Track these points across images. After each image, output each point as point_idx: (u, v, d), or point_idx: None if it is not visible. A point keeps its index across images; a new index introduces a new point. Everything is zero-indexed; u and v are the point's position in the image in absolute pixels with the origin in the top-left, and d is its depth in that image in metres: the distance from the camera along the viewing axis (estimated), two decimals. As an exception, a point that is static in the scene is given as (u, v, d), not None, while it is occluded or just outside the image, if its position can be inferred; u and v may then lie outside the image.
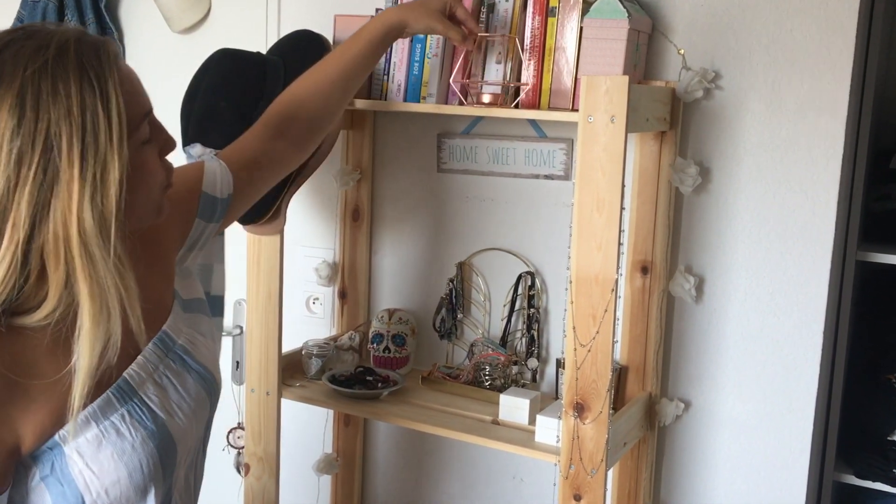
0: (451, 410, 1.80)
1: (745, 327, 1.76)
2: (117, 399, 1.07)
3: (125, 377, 1.08)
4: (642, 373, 1.79)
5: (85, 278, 0.97)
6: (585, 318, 1.51)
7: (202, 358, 1.20)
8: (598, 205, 1.47)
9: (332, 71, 1.51)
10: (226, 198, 1.34)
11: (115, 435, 1.05)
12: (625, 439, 1.67)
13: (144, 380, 1.10)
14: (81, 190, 0.95)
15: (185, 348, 1.18)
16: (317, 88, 1.50)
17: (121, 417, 1.06)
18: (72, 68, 0.96)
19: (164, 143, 1.10)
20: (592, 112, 1.45)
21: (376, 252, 2.10)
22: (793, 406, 1.74)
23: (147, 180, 1.07)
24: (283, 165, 1.48)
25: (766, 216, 1.71)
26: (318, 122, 1.51)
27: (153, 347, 1.13)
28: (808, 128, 1.66)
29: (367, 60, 1.55)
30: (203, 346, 1.22)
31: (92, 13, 2.25)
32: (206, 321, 1.27)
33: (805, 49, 1.64)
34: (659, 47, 1.74)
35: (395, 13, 1.56)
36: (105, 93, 0.97)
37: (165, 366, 1.13)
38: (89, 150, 0.96)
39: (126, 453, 1.05)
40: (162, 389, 1.12)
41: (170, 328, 1.17)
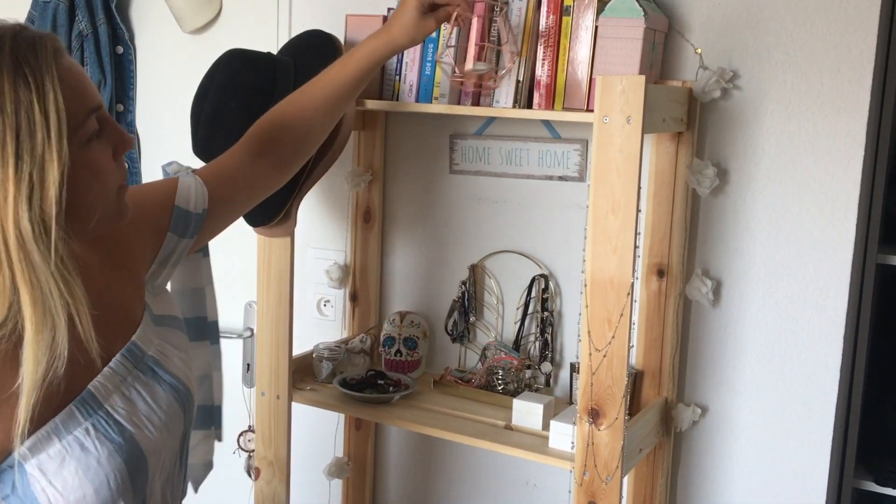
0: (463, 415, 1.78)
1: (764, 331, 1.73)
2: (81, 412, 1.02)
3: (90, 389, 1.04)
4: (658, 378, 1.76)
5: (25, 283, 0.92)
6: (601, 323, 1.48)
7: (174, 369, 1.16)
8: (613, 207, 1.45)
9: (319, 96, 1.47)
10: (200, 213, 1.30)
11: (79, 450, 1.01)
12: (640, 445, 1.65)
13: (111, 392, 1.06)
14: (17, 190, 0.91)
15: (156, 359, 1.14)
16: (301, 112, 1.46)
17: (85, 431, 1.02)
18: (5, 63, 0.93)
19: (117, 141, 1.05)
20: (608, 112, 1.43)
21: (388, 254, 2.08)
22: (812, 412, 1.71)
23: (99, 180, 1.02)
24: (261, 186, 1.44)
25: (785, 218, 1.69)
26: (300, 146, 1.47)
27: (121, 358, 1.09)
28: (828, 128, 1.63)
29: (354, 88, 1.50)
30: (176, 358, 1.18)
31: (103, 14, 2.24)
32: (179, 337, 1.23)
33: (825, 48, 1.62)
34: (675, 46, 1.72)
35: (382, 37, 1.50)
36: (41, 88, 0.93)
37: (134, 377, 1.09)
38: (24, 148, 0.92)
39: (91, 469, 1.01)
40: (130, 402, 1.07)
41: (139, 339, 1.13)
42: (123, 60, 2.30)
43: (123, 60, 2.30)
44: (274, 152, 1.42)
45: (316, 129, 1.48)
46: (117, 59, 2.29)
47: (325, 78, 1.49)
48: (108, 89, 2.26)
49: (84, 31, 2.24)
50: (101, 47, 2.25)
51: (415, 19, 1.49)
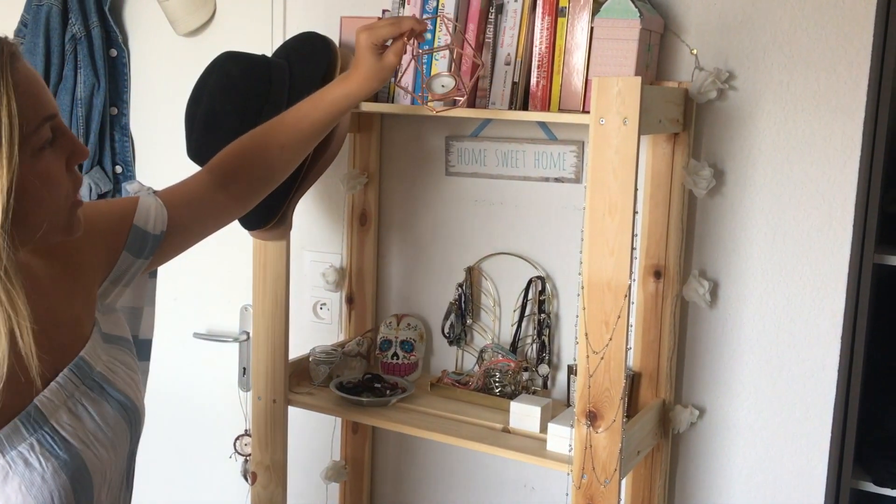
0: (460, 418, 1.77)
1: (761, 332, 1.73)
2: (26, 427, 1.00)
3: (35, 404, 1.02)
4: (656, 379, 1.76)
5: None
6: (598, 325, 1.48)
7: (123, 386, 1.14)
8: (610, 209, 1.44)
9: (285, 137, 1.44)
10: (158, 234, 1.28)
11: (23, 465, 0.98)
12: (638, 447, 1.64)
13: (57, 407, 1.04)
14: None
15: (104, 376, 1.12)
16: (265, 150, 1.43)
17: (29, 447, 0.99)
18: None
19: (71, 151, 1.02)
20: (604, 114, 1.42)
21: (384, 256, 2.07)
22: (810, 412, 1.71)
23: (50, 189, 0.99)
24: (220, 216, 1.41)
25: (782, 219, 1.68)
26: (258, 182, 1.44)
27: (68, 374, 1.07)
28: (824, 129, 1.63)
29: (320, 132, 1.48)
30: (125, 375, 1.16)
31: (96, 16, 2.23)
32: (128, 356, 1.21)
33: (821, 48, 1.61)
34: (671, 47, 1.71)
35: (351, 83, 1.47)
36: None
37: (81, 393, 1.07)
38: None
39: (35, 485, 0.98)
40: (76, 418, 1.05)
41: (87, 355, 1.11)
42: (117, 63, 2.29)
43: (117, 63, 2.29)
44: (233, 184, 1.40)
45: (277, 168, 1.45)
46: (111, 63, 2.28)
47: (292, 118, 1.46)
48: (102, 92, 2.25)
49: (77, 35, 2.22)
50: (95, 50, 2.23)
51: (373, 63, 1.46)
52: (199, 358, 2.33)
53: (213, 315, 2.31)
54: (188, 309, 2.32)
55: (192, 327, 2.32)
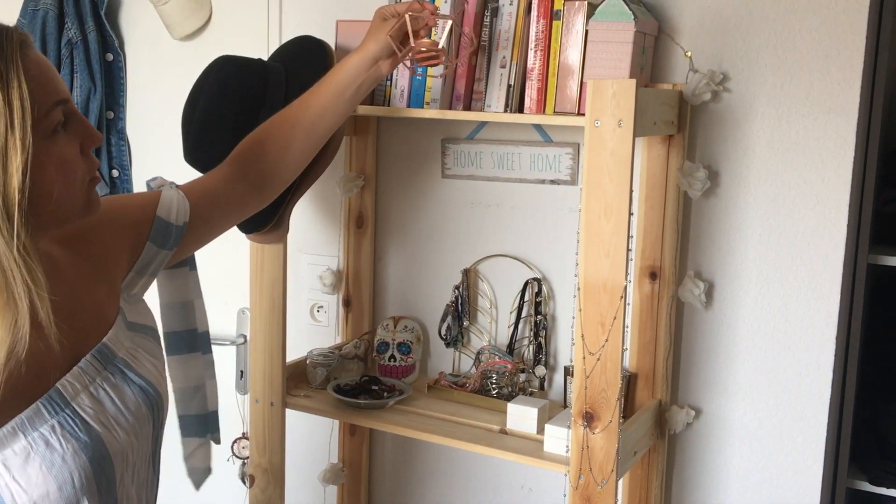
0: (457, 420, 1.77)
1: (756, 332, 1.73)
2: (47, 409, 1.03)
3: (57, 388, 1.05)
4: (652, 380, 1.76)
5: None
6: (594, 326, 1.48)
7: (145, 372, 1.17)
8: (605, 211, 1.45)
9: (295, 116, 1.47)
10: (181, 225, 1.32)
11: (44, 446, 1.01)
12: (635, 448, 1.65)
13: (79, 391, 1.07)
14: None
15: (126, 361, 1.15)
16: (280, 133, 1.46)
17: (51, 429, 1.02)
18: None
19: (84, 135, 1.06)
20: (599, 116, 1.43)
21: (381, 259, 2.08)
22: (805, 412, 1.71)
23: (64, 171, 1.03)
24: (240, 207, 1.45)
25: (776, 219, 1.69)
26: (276, 167, 1.47)
27: (90, 359, 1.10)
28: (818, 130, 1.64)
29: (331, 105, 1.49)
30: (147, 362, 1.19)
31: (92, 21, 2.23)
32: (152, 345, 1.24)
33: (814, 50, 1.62)
34: (665, 50, 1.72)
35: (356, 53, 1.50)
36: (5, 78, 0.95)
37: (103, 378, 1.11)
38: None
39: (55, 466, 1.01)
40: (98, 402, 1.08)
41: (110, 341, 1.14)
42: (113, 68, 2.29)
43: (113, 68, 2.29)
44: (251, 172, 1.44)
45: (292, 150, 1.47)
46: (107, 67, 2.28)
47: (303, 97, 1.49)
48: (99, 97, 2.25)
49: (73, 39, 2.22)
50: (91, 54, 2.24)
51: (377, 24, 1.51)
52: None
53: (211, 318, 2.29)
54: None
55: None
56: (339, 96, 1.50)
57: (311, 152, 1.52)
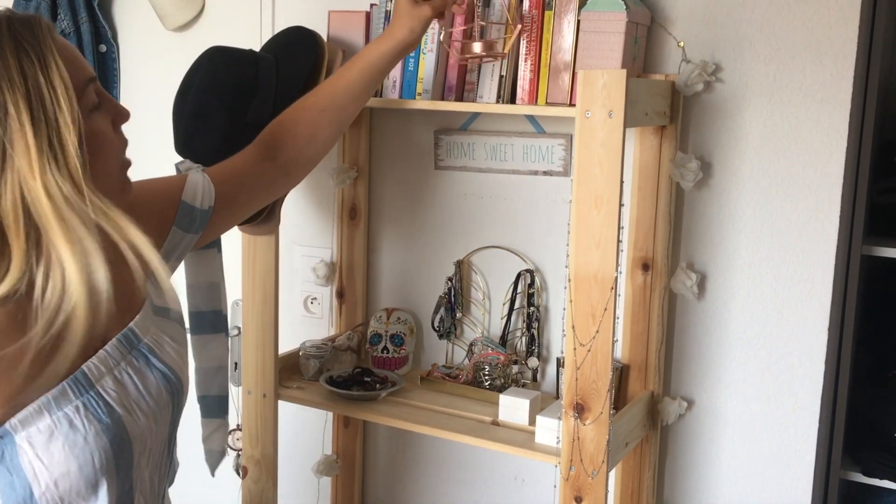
0: (450, 411, 1.77)
1: (749, 324, 1.73)
2: (73, 391, 1.05)
3: (83, 370, 1.07)
4: (644, 371, 1.76)
5: (66, 244, 0.96)
6: (585, 318, 1.48)
7: (168, 359, 1.18)
8: (596, 201, 1.45)
9: (325, 100, 1.50)
10: (206, 209, 1.34)
11: (67, 426, 1.03)
12: (626, 439, 1.65)
13: (104, 374, 1.09)
14: (40, 155, 0.96)
15: (150, 347, 1.16)
16: (307, 115, 1.48)
17: (75, 409, 1.04)
18: (6, 42, 0.97)
19: (115, 112, 1.10)
20: (590, 107, 1.42)
21: (374, 251, 2.07)
22: (798, 403, 1.71)
23: (104, 148, 1.06)
24: (268, 188, 1.47)
25: (769, 211, 1.68)
26: (306, 151, 1.49)
27: (116, 343, 1.12)
28: (811, 120, 1.63)
29: (360, 91, 1.51)
30: (170, 349, 1.20)
31: (85, 12, 2.23)
32: (176, 329, 1.25)
33: (807, 40, 1.61)
34: (658, 40, 1.71)
35: (386, 39, 1.51)
36: (43, 60, 0.97)
37: (127, 362, 1.12)
38: (38, 115, 0.96)
39: (78, 446, 1.04)
40: (121, 385, 1.10)
41: (136, 326, 1.16)
42: (107, 59, 2.29)
43: (107, 59, 2.29)
44: (281, 155, 1.47)
45: (321, 133, 1.50)
46: (100, 58, 2.27)
47: (332, 80, 1.51)
48: (92, 88, 2.25)
49: (66, 30, 2.22)
50: (84, 46, 2.23)
51: (407, 8, 1.50)
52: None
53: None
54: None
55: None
56: (370, 81, 1.52)
57: (339, 135, 1.55)
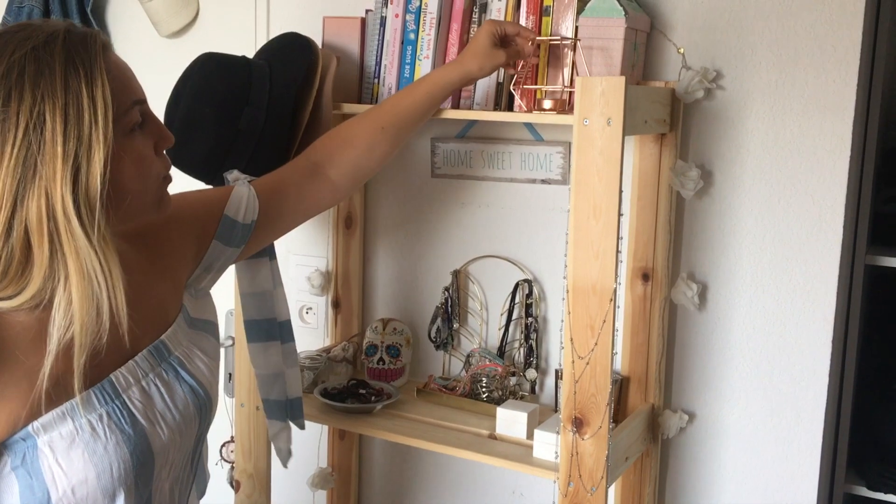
0: (446, 424, 1.74)
1: (751, 335, 1.70)
2: (98, 399, 1.07)
3: (111, 378, 1.08)
4: (644, 384, 1.73)
5: (72, 254, 0.99)
6: (583, 330, 1.45)
7: (197, 373, 1.20)
8: (594, 211, 1.42)
9: (385, 119, 1.51)
10: (248, 223, 1.36)
11: (89, 434, 1.04)
12: (626, 453, 1.61)
13: (131, 384, 1.10)
14: (64, 167, 0.98)
15: (181, 360, 1.18)
16: (365, 133, 1.50)
17: (98, 417, 1.06)
18: (58, 53, 0.99)
19: (159, 136, 1.13)
20: (588, 115, 1.40)
21: (370, 260, 2.05)
22: (801, 416, 1.68)
23: (140, 169, 1.08)
24: (314, 204, 1.49)
25: (771, 220, 1.66)
26: (360, 168, 1.52)
27: (146, 354, 1.14)
28: (814, 128, 1.60)
29: (421, 114, 1.55)
30: (200, 362, 1.22)
31: (78, 18, 2.20)
32: (210, 342, 1.27)
33: (810, 46, 1.59)
34: (658, 46, 1.69)
35: (456, 69, 1.54)
36: (90, 76, 1.00)
37: (156, 374, 1.14)
38: (71, 129, 0.99)
39: (97, 454, 1.04)
40: (148, 397, 1.11)
41: (168, 339, 1.17)
42: (100, 66, 2.26)
43: (100, 66, 2.26)
44: (333, 170, 1.49)
45: (378, 151, 1.52)
46: (94, 65, 2.25)
47: (393, 101, 1.54)
48: (85, 95, 2.22)
49: (59, 37, 2.20)
50: (77, 53, 2.21)
51: (486, 47, 1.53)
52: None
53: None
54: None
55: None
56: (432, 106, 1.55)
57: (393, 154, 1.56)
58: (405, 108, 1.53)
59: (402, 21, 1.71)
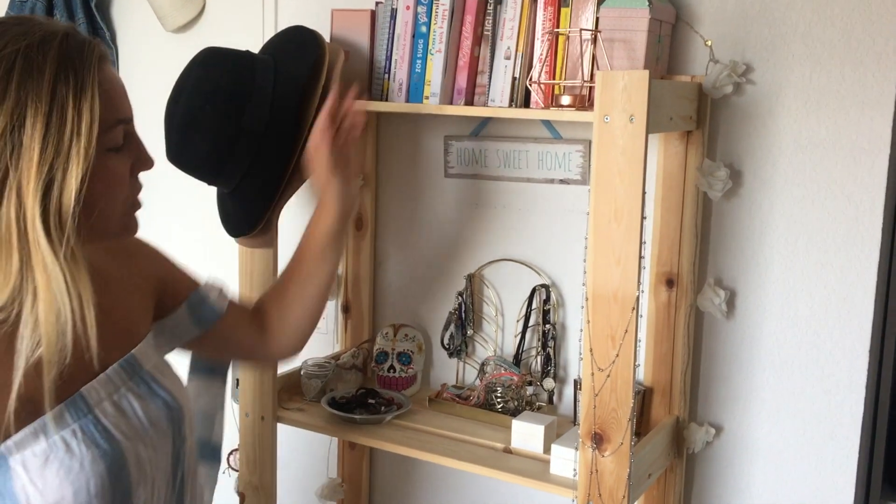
0: (459, 437, 1.67)
1: (782, 345, 1.63)
2: (70, 414, 1.03)
3: (81, 393, 1.05)
4: (668, 395, 1.65)
5: (39, 265, 0.96)
6: (603, 340, 1.37)
7: (170, 386, 1.17)
8: (616, 214, 1.34)
9: (284, 294, 1.46)
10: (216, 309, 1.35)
11: (63, 450, 1.01)
12: (649, 470, 1.53)
13: (103, 398, 1.07)
14: (38, 176, 0.95)
15: (153, 375, 1.15)
16: (276, 311, 1.46)
17: (72, 433, 1.02)
18: (51, 56, 0.97)
19: (138, 158, 1.09)
20: (609, 111, 1.32)
21: (381, 263, 1.98)
22: (836, 431, 1.61)
23: (112, 189, 1.04)
24: (249, 350, 1.47)
25: (805, 223, 1.59)
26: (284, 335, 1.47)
27: (118, 368, 1.11)
28: (851, 125, 1.53)
29: (320, 268, 1.46)
30: (172, 376, 1.20)
31: (82, 13, 2.15)
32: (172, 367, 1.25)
33: (846, 38, 1.52)
34: (684, 38, 1.62)
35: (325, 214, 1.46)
36: (80, 86, 0.97)
37: (128, 388, 1.11)
38: (51, 138, 0.95)
39: (73, 471, 1.01)
40: (120, 411, 1.08)
41: (138, 353, 1.14)
42: (105, 62, 2.21)
43: (105, 62, 2.21)
44: (269, 336, 1.46)
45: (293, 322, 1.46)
46: (99, 61, 2.20)
47: (288, 271, 1.48)
48: (90, 92, 2.17)
49: (63, 32, 2.14)
50: (81, 48, 2.15)
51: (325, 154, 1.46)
52: None
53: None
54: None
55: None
56: (322, 259, 1.46)
57: (318, 308, 1.48)
58: (298, 274, 1.46)
59: (414, 13, 1.64)
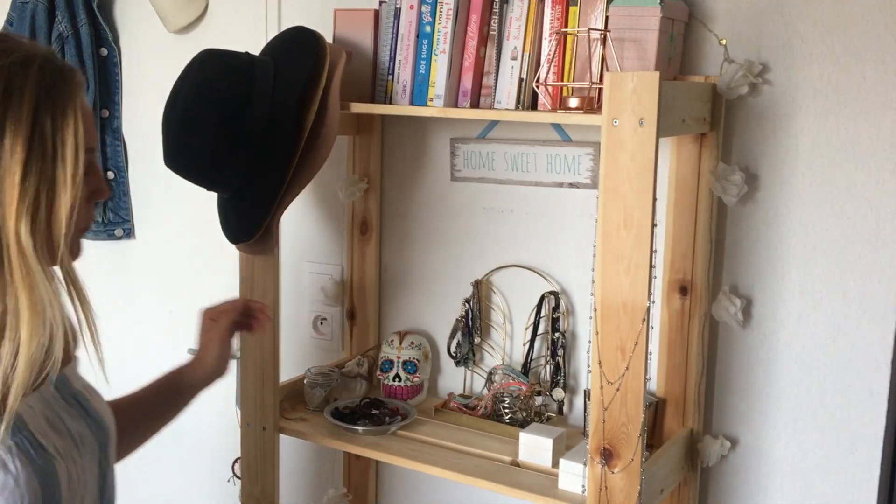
0: (465, 449, 1.63)
1: (800, 354, 1.58)
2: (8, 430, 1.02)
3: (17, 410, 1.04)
4: (682, 407, 1.60)
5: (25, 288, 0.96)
6: (613, 352, 1.32)
7: (98, 406, 1.19)
8: (625, 221, 1.29)
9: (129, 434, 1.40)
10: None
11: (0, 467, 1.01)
12: (662, 485, 1.49)
13: (37, 415, 1.07)
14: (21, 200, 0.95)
15: (82, 394, 1.17)
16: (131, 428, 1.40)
17: (8, 450, 1.01)
18: (30, 82, 0.96)
19: (96, 187, 1.09)
20: (617, 114, 1.27)
21: (386, 269, 1.94)
22: (856, 444, 1.56)
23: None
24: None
25: (823, 229, 1.54)
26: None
27: (51, 386, 1.11)
28: (871, 127, 1.49)
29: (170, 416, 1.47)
30: (99, 399, 1.21)
31: (84, 14, 2.12)
32: None
33: (866, 36, 1.47)
34: (697, 37, 1.57)
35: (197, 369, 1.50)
36: (62, 111, 0.97)
37: (61, 407, 1.11)
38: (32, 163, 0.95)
39: (8, 488, 1.00)
40: (54, 428, 1.09)
41: (69, 372, 1.16)
42: (108, 63, 2.18)
43: (108, 63, 2.18)
44: None
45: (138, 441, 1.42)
46: (101, 62, 2.17)
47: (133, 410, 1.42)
48: (92, 94, 2.15)
49: (64, 33, 2.12)
50: (84, 49, 2.13)
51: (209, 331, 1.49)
52: None
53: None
54: (183, 325, 2.20)
55: (187, 343, 2.19)
56: (176, 403, 1.49)
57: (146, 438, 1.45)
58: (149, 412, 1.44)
59: (418, 13, 1.59)
